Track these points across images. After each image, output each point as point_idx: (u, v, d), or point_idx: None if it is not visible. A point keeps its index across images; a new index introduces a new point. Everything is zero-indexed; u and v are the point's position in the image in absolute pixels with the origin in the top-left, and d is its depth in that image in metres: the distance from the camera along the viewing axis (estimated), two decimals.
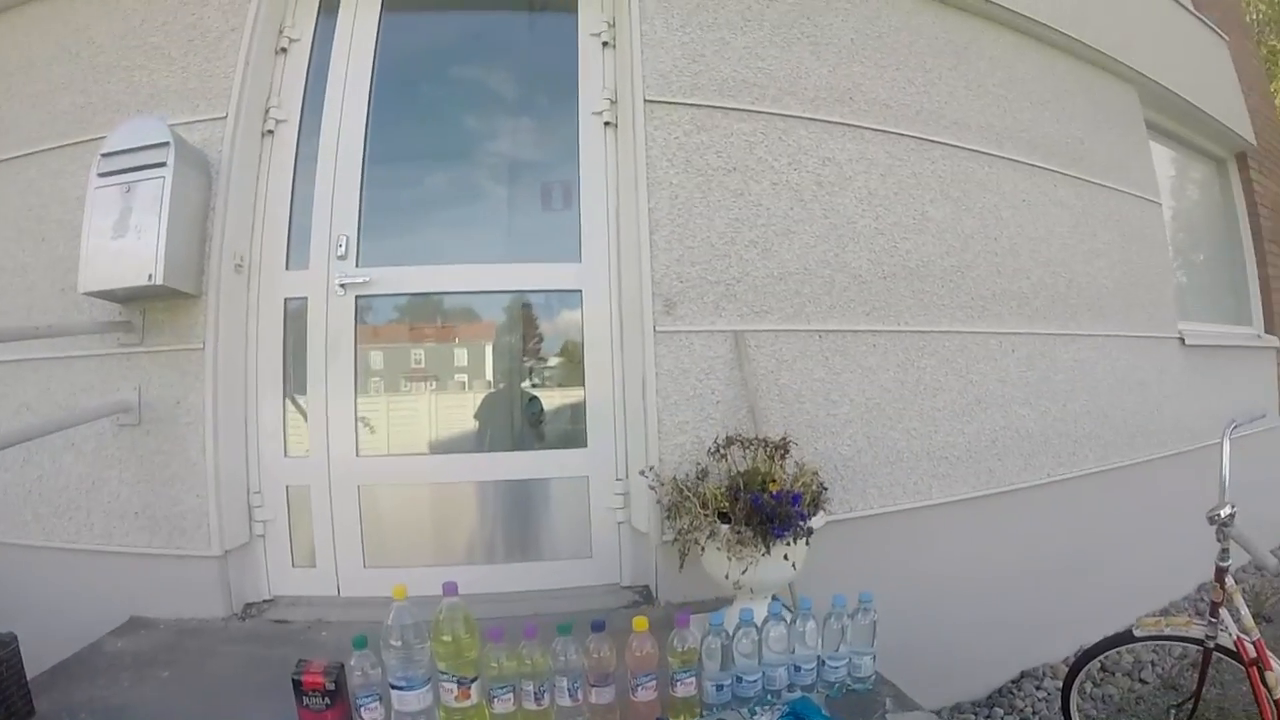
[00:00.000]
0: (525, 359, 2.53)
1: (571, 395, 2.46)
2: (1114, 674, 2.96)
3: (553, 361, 2.52)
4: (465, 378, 2.56)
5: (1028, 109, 3.09)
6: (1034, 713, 2.75)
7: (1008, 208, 2.90)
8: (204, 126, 2.27)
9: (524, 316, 2.53)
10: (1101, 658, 2.37)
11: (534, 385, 2.53)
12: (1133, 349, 3.35)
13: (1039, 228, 3.00)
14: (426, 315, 2.53)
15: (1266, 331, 4.73)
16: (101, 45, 2.43)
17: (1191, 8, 4.61)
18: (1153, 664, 3.01)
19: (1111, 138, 3.52)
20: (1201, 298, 4.57)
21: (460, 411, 2.56)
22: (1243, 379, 4.33)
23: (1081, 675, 2.32)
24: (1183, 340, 3.69)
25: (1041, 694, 2.86)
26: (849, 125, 2.54)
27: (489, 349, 2.56)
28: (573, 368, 2.45)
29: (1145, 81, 3.76)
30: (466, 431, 2.52)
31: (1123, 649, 2.38)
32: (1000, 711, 2.73)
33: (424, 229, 2.55)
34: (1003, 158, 2.92)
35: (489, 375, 2.56)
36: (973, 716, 2.73)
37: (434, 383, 2.53)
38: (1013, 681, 2.94)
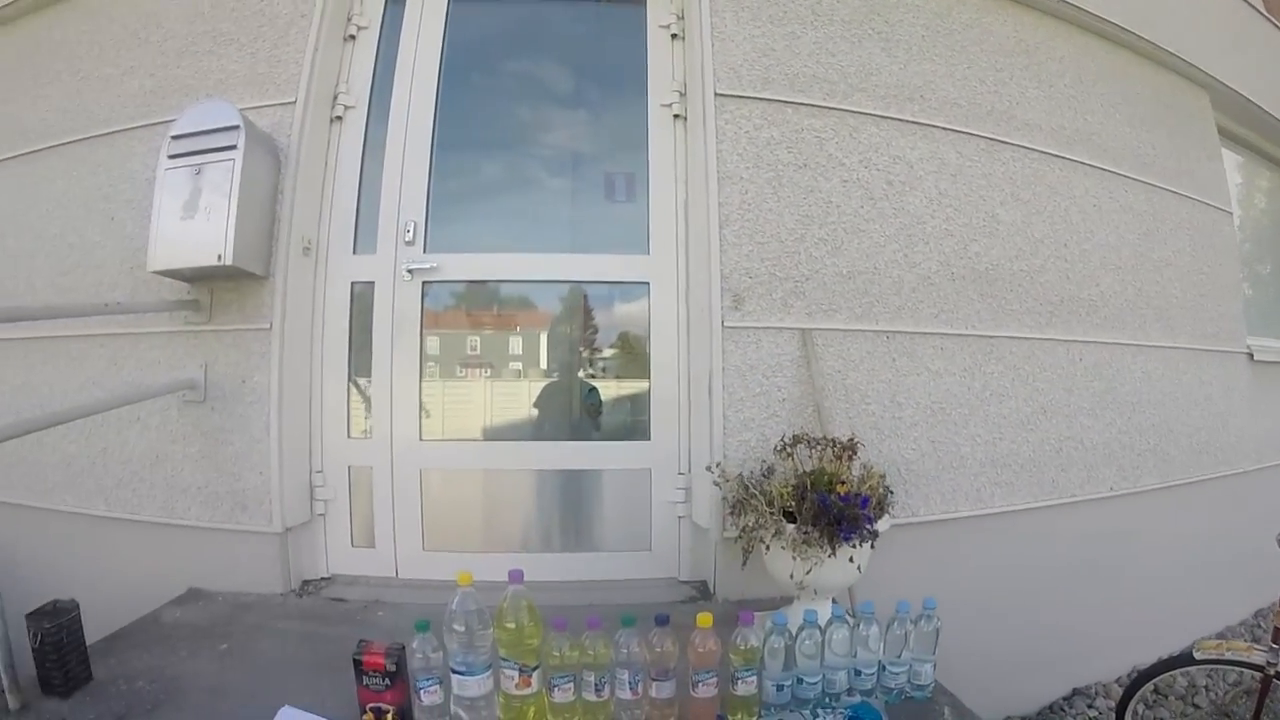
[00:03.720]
0: (583, 349, 2.52)
1: (632, 387, 2.44)
2: (1167, 697, 2.86)
3: (611, 353, 2.50)
4: (523, 366, 2.55)
5: (1098, 111, 3.00)
6: None
7: (1078, 212, 2.81)
8: (272, 111, 2.30)
9: (584, 307, 2.52)
10: (1155, 680, 2.32)
11: (592, 376, 2.51)
12: (1199, 363, 3.24)
13: (1109, 234, 2.91)
14: (489, 302, 2.53)
15: None
16: (171, 30, 2.46)
17: (1266, 12, 4.45)
18: (1206, 689, 2.92)
19: (1183, 143, 3.40)
20: (1268, 312, 4.40)
21: (520, 399, 2.55)
22: None
23: (1136, 696, 2.27)
24: (1251, 356, 3.55)
25: (1093, 713, 2.77)
26: (919, 124, 2.49)
27: (548, 337, 2.55)
28: (633, 359, 2.43)
29: (1218, 86, 3.62)
30: (526, 419, 2.52)
31: (1177, 672, 2.34)
32: None
33: (490, 217, 2.54)
34: (1073, 160, 2.83)
35: (548, 364, 2.55)
36: None
37: (495, 370, 2.52)
38: (1064, 698, 2.86)
